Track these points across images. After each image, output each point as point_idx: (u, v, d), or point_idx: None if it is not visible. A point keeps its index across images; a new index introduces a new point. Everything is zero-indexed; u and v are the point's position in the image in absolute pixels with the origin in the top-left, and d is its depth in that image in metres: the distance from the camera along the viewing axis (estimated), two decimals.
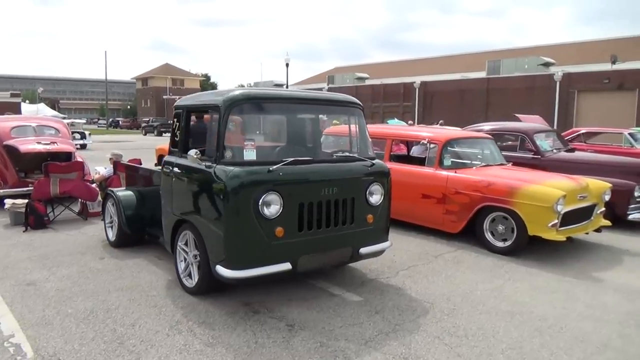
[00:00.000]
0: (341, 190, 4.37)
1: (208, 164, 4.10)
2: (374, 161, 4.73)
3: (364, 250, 4.60)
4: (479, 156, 7.41)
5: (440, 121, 20.00)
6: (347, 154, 4.77)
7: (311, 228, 4.21)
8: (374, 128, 9.08)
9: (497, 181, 6.23)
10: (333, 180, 4.33)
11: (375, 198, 4.65)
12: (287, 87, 36.19)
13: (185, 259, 4.59)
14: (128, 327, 3.86)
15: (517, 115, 13.81)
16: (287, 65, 32.50)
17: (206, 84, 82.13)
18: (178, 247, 4.66)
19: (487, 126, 9.92)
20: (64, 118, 29.99)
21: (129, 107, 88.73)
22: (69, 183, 7.65)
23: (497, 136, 9.51)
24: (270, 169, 3.96)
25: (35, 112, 35.00)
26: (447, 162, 6.86)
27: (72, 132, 25.57)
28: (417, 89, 37.29)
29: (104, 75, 59.04)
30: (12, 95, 55.49)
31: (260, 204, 3.88)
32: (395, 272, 5.38)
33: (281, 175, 4.01)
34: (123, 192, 6.11)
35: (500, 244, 6.16)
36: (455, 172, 6.65)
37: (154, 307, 4.24)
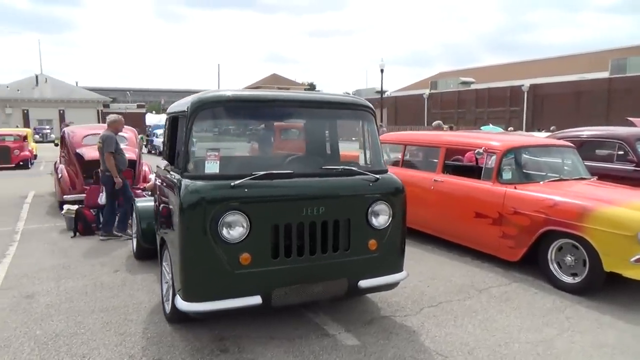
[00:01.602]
0: (330, 209, 3.61)
1: (177, 177, 3.61)
2: (380, 175, 3.89)
3: (364, 283, 3.77)
4: (552, 168, 6.09)
5: (552, 127, 18.01)
6: (344, 167, 3.90)
7: (290, 255, 3.51)
8: (426, 135, 8.08)
9: (564, 200, 4.96)
10: (319, 198, 3.58)
11: (380, 220, 3.81)
12: (382, 93, 35.29)
13: (167, 282, 4.15)
14: (77, 357, 3.48)
15: (630, 119, 11.60)
16: (381, 71, 31.68)
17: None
18: (162, 268, 4.23)
19: (586, 132, 8.34)
20: None
21: None
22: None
23: (591, 144, 7.96)
24: (233, 184, 3.34)
25: (159, 121, 39.15)
26: (507, 174, 5.69)
27: None
28: (525, 93, 34.28)
29: (218, 86, 62.95)
30: (138, 107, 61.59)
31: (219, 225, 3.28)
32: (419, 308, 4.44)
33: (247, 191, 3.37)
34: (143, 203, 5.89)
35: (568, 280, 4.89)
36: (515, 188, 5.47)
37: (120, 335, 3.82)
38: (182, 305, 3.31)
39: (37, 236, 7.29)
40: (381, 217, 3.82)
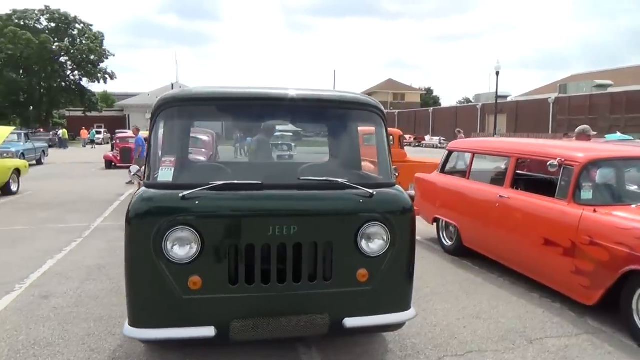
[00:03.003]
0: (305, 230, 2.96)
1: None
2: (379, 190, 3.15)
3: (351, 321, 3.05)
4: None
5: None
6: (327, 178, 3.16)
7: (252, 282, 2.93)
8: (496, 142, 6.88)
9: None
10: (289, 216, 2.96)
11: (374, 246, 3.07)
12: (496, 97, 32.74)
13: None
14: None
15: None
16: (497, 73, 29.36)
17: (427, 97, 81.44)
18: None
19: None
20: None
21: None
22: None
23: None
24: (183, 194, 2.85)
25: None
26: (586, 193, 4.48)
27: (278, 145, 27.86)
28: None
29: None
30: None
31: (164, 241, 2.82)
32: (438, 357, 3.56)
33: (197, 204, 2.87)
34: None
35: None
36: (595, 211, 4.26)
37: (90, 352, 3.55)
38: (126, 330, 2.91)
39: (104, 234, 7.56)
40: (375, 241, 3.07)
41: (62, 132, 39.14)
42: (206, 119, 3.58)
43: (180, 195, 2.84)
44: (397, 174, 3.72)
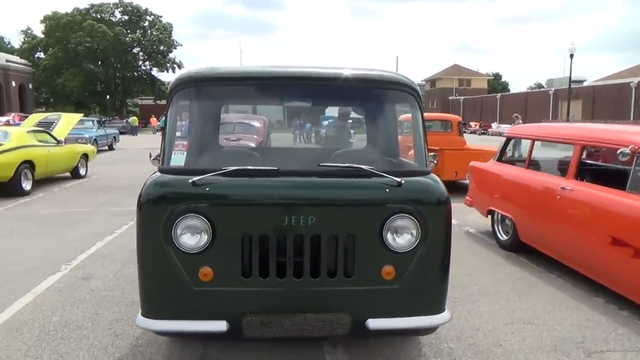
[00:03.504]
0: (324, 221, 2.71)
1: None
2: (410, 178, 2.82)
3: (375, 322, 2.78)
4: None
5: None
6: (351, 164, 2.86)
7: (266, 276, 2.72)
8: (559, 128, 6.21)
9: None
10: (306, 205, 2.71)
11: (401, 240, 2.76)
12: (570, 82, 30.55)
13: None
14: (55, 355, 3.26)
15: None
16: (571, 56, 27.33)
17: (495, 83, 77.81)
18: None
19: None
20: None
21: None
22: None
23: None
24: (193, 180, 2.68)
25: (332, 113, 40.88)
26: None
27: None
28: None
29: None
30: None
31: (174, 229, 2.67)
32: None
33: (208, 190, 2.69)
34: None
35: None
36: None
37: (115, 337, 3.52)
38: (139, 320, 2.80)
39: None
40: (403, 235, 2.76)
41: (132, 120, 41.09)
42: (226, 100, 3.40)
43: (190, 181, 2.67)
44: (434, 162, 3.38)
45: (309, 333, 2.84)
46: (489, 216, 6.41)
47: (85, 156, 13.32)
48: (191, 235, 2.67)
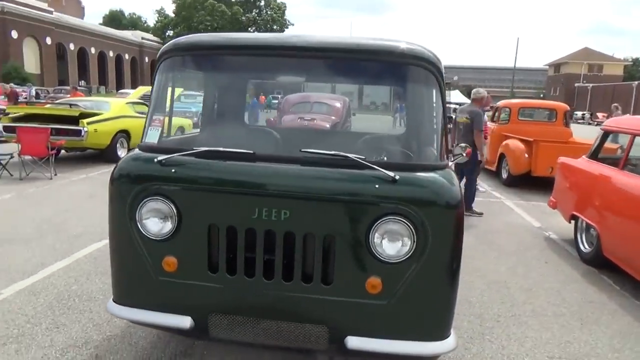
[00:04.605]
0: (300, 217, 2.30)
1: None
2: (405, 173, 2.29)
3: (356, 341, 2.33)
4: None
5: None
6: (336, 152, 2.37)
7: (234, 273, 2.41)
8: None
9: None
10: (279, 197, 2.32)
11: (391, 248, 2.26)
12: None
13: None
14: (54, 326, 3.27)
15: None
16: None
17: (634, 69, 68.78)
18: None
19: None
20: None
21: (541, 95, 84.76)
22: None
23: None
24: (160, 159, 2.42)
25: (449, 96, 40.20)
26: None
27: None
28: None
29: (514, 63, 58.19)
30: None
31: (138, 211, 2.45)
32: None
33: (174, 171, 2.41)
34: None
35: None
36: None
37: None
38: (109, 306, 2.65)
39: None
40: (393, 243, 2.26)
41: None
42: (212, 71, 3.07)
43: (156, 160, 2.42)
44: (463, 154, 2.80)
45: (282, 343, 2.49)
46: (572, 222, 5.46)
47: (181, 128, 14.00)
48: (155, 220, 2.43)
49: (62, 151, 10.68)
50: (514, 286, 4.32)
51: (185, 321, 2.46)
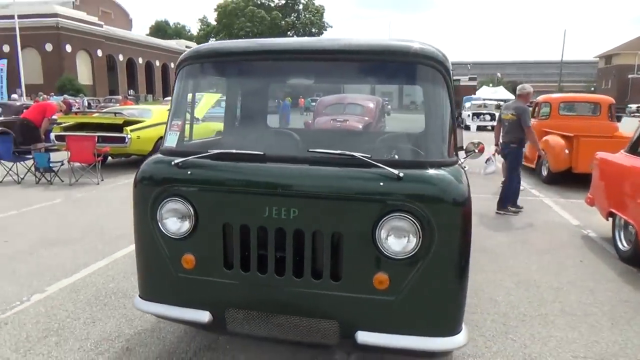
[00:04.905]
0: (308, 215, 2.38)
1: None
2: (410, 171, 2.33)
3: (366, 336, 2.39)
4: None
5: None
6: (343, 151, 2.42)
7: (248, 269, 2.51)
8: None
9: None
10: (288, 196, 2.40)
11: (397, 244, 2.31)
12: None
13: None
14: (82, 320, 3.50)
15: None
16: None
17: None
18: None
19: None
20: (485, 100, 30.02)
21: (592, 89, 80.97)
22: None
23: None
24: (176, 162, 2.56)
25: (493, 93, 39.03)
26: None
27: (480, 114, 25.71)
28: None
29: (561, 56, 56.01)
30: (470, 79, 61.37)
31: (159, 211, 2.60)
32: None
33: (190, 174, 2.54)
34: None
35: None
36: None
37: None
38: (136, 302, 2.82)
39: None
40: (399, 239, 2.30)
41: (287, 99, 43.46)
42: (229, 76, 3.19)
43: (173, 162, 2.56)
44: (475, 151, 2.80)
45: (295, 337, 2.57)
46: (610, 219, 5.26)
47: (219, 133, 14.42)
48: (174, 220, 2.57)
49: (109, 158, 11.22)
50: (544, 285, 4.22)
51: (204, 316, 2.58)
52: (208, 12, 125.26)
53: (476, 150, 2.90)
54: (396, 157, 2.77)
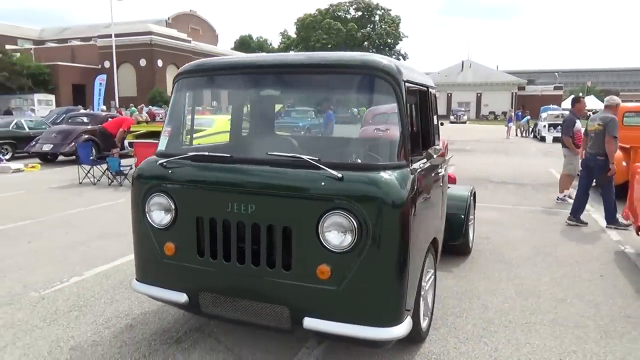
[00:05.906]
0: (263, 210, 2.68)
1: None
2: (351, 173, 2.56)
3: (312, 322, 2.64)
4: None
5: None
6: (295, 155, 2.68)
7: (215, 257, 2.85)
8: None
9: None
10: (246, 193, 2.72)
11: (335, 239, 2.55)
12: None
13: None
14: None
15: None
16: None
17: None
18: None
19: None
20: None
21: None
22: None
23: None
24: (161, 162, 2.97)
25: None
26: None
27: (557, 125, 24.27)
28: None
29: None
30: (555, 89, 58.13)
31: (146, 205, 3.03)
32: None
33: (171, 172, 2.94)
34: None
35: None
36: None
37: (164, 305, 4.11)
38: (133, 283, 3.26)
39: None
40: (337, 234, 2.53)
41: (361, 110, 43.91)
42: (215, 89, 3.62)
43: (159, 162, 2.97)
44: (434, 156, 2.96)
45: (255, 320, 2.88)
46: None
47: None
48: (158, 212, 2.99)
49: None
50: (547, 296, 4.15)
51: (181, 297, 2.97)
52: (289, 26, 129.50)
53: (435, 156, 3.03)
54: (358, 160, 2.99)
